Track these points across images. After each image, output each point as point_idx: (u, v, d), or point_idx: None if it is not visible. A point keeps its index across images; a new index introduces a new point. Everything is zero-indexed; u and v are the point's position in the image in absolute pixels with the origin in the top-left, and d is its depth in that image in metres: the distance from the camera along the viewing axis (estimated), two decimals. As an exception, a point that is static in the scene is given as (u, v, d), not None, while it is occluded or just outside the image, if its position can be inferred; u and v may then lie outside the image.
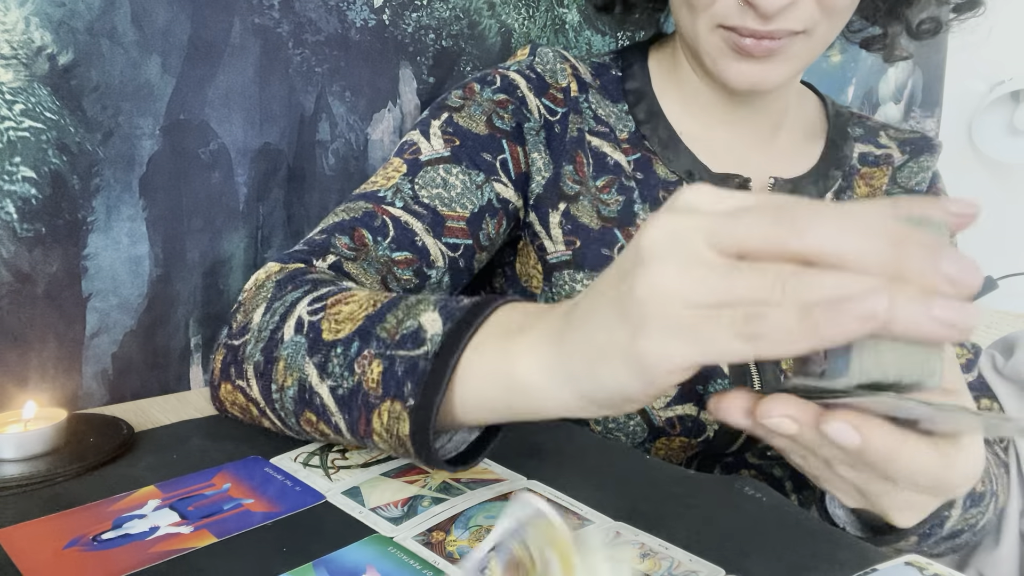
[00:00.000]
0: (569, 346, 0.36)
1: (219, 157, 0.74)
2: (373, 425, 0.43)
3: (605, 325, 0.33)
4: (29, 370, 0.65)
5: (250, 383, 0.51)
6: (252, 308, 0.53)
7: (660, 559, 0.40)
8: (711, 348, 0.30)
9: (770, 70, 0.63)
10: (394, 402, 0.41)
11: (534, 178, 0.67)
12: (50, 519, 0.44)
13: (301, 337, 0.47)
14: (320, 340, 0.46)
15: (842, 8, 0.61)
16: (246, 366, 0.51)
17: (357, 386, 0.43)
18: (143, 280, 0.70)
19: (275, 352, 0.49)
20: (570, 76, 0.69)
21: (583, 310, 0.35)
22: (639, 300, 0.31)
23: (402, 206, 0.62)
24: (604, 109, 0.70)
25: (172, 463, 0.52)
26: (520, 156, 0.66)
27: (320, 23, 0.78)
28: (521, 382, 0.38)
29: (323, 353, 0.46)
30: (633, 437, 0.65)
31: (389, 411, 0.42)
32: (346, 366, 0.44)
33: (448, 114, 0.66)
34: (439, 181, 0.63)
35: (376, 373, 0.43)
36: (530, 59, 0.69)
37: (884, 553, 0.42)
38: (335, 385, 0.45)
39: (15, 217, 0.63)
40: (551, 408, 0.38)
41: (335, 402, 0.45)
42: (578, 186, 0.66)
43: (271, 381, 0.49)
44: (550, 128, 0.67)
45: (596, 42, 1.04)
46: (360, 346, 0.44)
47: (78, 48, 0.64)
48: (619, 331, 0.32)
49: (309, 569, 0.39)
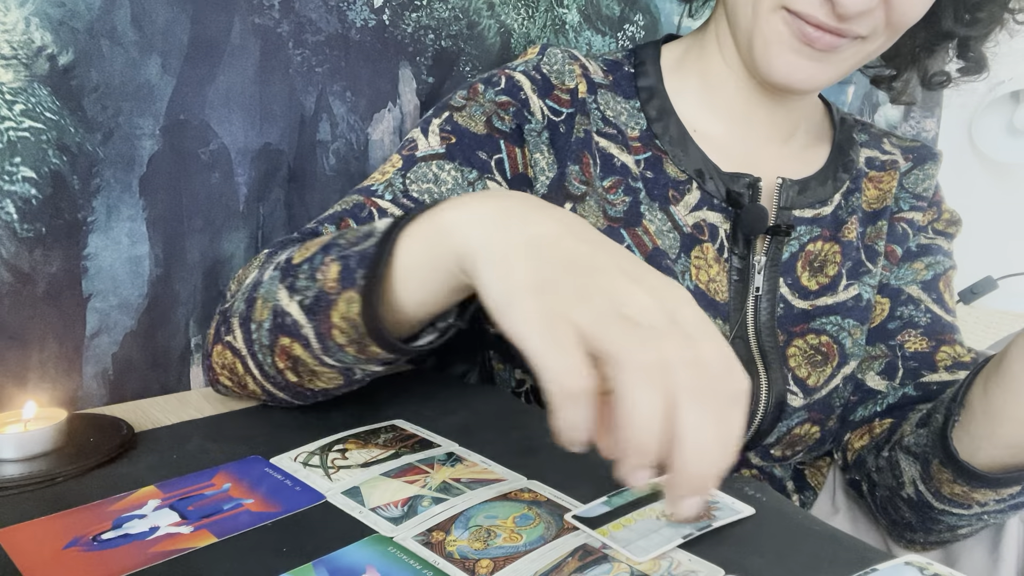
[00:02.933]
0: (502, 232, 0.40)
1: (219, 157, 0.74)
2: (333, 319, 0.46)
3: (538, 274, 0.38)
4: (29, 370, 0.65)
5: (235, 334, 0.53)
6: (245, 277, 0.57)
7: (660, 559, 0.40)
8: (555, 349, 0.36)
9: (822, 71, 0.62)
10: (349, 290, 0.45)
11: (538, 179, 0.66)
12: (50, 519, 0.44)
13: (276, 271, 0.51)
14: (291, 266, 0.50)
15: (907, 24, 0.62)
16: (232, 320, 0.54)
17: (320, 291, 0.47)
18: (143, 280, 0.70)
19: (254, 294, 0.52)
20: (579, 77, 0.69)
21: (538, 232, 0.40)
22: (573, 304, 0.37)
23: (391, 199, 0.62)
24: (615, 108, 0.70)
25: (172, 463, 0.52)
26: (518, 157, 0.66)
27: (320, 23, 0.78)
28: (447, 226, 0.42)
29: (292, 275, 0.49)
30: None
31: (345, 300, 0.45)
32: (310, 277, 0.47)
33: (449, 113, 0.66)
34: (431, 176, 0.63)
35: (335, 272, 0.46)
36: (538, 59, 0.69)
37: (885, 553, 0.42)
38: (302, 298, 0.48)
39: (15, 217, 0.63)
40: (459, 261, 0.42)
41: (303, 313, 0.48)
42: (584, 186, 0.66)
43: (251, 323, 0.52)
44: (554, 128, 0.67)
45: (596, 42, 1.04)
46: (322, 256, 0.48)
47: (78, 48, 0.64)
48: (530, 303, 0.37)
49: (309, 569, 0.39)
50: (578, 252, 0.38)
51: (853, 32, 0.60)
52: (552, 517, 0.44)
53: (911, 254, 0.75)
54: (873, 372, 0.72)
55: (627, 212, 0.66)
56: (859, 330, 0.71)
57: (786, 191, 0.68)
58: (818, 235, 0.71)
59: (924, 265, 0.74)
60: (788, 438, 0.69)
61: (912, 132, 1.72)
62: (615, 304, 0.36)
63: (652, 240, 0.65)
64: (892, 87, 0.79)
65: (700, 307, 0.37)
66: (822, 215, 0.71)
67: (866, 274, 0.72)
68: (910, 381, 0.70)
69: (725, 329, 0.66)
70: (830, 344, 0.69)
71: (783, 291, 0.69)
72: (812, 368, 0.69)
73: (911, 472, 0.62)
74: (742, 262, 0.68)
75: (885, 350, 0.72)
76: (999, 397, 0.55)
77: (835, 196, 0.72)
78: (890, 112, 1.62)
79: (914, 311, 0.72)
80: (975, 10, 0.70)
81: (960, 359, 0.69)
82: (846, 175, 0.73)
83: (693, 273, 0.66)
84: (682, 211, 0.67)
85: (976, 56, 0.74)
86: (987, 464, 0.57)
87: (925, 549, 0.67)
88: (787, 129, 0.72)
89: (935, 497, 0.61)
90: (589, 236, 0.40)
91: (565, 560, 0.40)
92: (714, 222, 0.67)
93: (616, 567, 0.39)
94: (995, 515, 0.60)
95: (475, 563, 0.40)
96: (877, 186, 0.75)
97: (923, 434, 0.62)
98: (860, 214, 0.73)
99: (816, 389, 0.68)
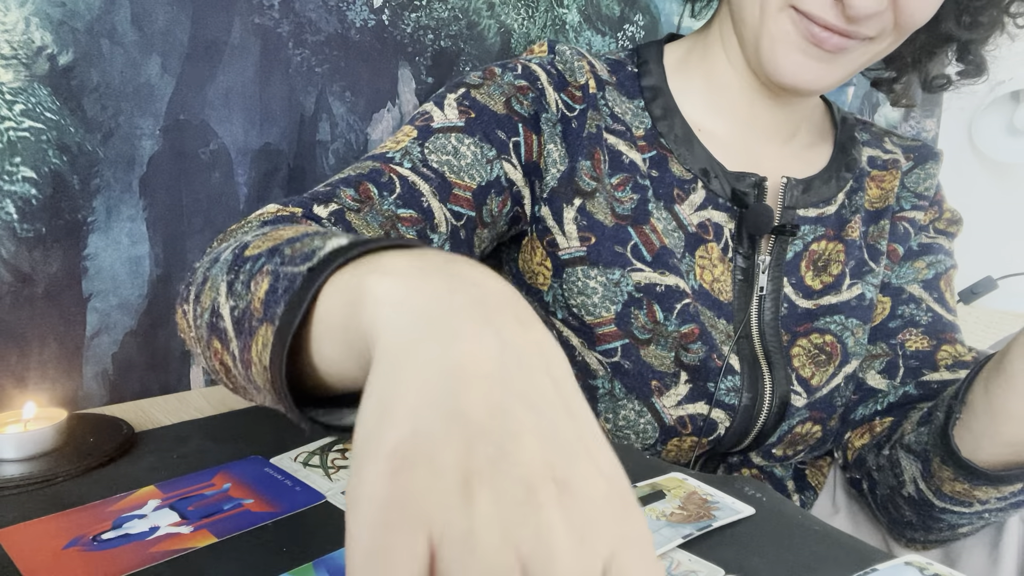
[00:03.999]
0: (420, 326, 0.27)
1: (219, 157, 0.74)
2: (251, 354, 0.36)
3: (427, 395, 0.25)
4: (29, 370, 0.65)
5: (187, 307, 0.45)
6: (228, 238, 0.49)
7: (660, 559, 0.40)
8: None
9: (829, 71, 0.62)
10: (267, 326, 0.34)
11: (548, 170, 0.66)
12: (50, 519, 0.44)
13: (231, 254, 0.42)
14: (240, 257, 0.41)
15: (915, 25, 0.61)
16: (190, 288, 0.45)
17: (248, 306, 0.37)
18: (143, 280, 0.70)
19: (210, 271, 0.43)
20: (588, 73, 0.69)
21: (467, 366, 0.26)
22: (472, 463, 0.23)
23: (410, 167, 0.60)
24: (621, 106, 0.70)
25: (172, 463, 0.52)
26: (534, 144, 0.66)
27: (320, 23, 0.78)
28: (366, 291, 0.30)
29: (235, 270, 0.40)
30: (643, 436, 0.65)
31: (263, 336, 0.35)
32: (245, 283, 0.38)
33: (466, 89, 0.65)
34: (450, 149, 0.62)
35: (262, 291, 0.36)
36: (551, 56, 0.69)
37: (885, 553, 0.42)
38: (234, 305, 0.38)
39: (15, 217, 0.63)
40: (363, 330, 0.30)
41: (232, 324, 0.38)
42: (595, 182, 0.66)
43: (197, 304, 0.43)
44: (567, 123, 0.67)
45: (596, 42, 1.04)
46: (264, 262, 0.38)
47: (78, 48, 0.64)
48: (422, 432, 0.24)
49: (309, 569, 0.39)
50: (495, 406, 0.24)
51: (861, 34, 0.60)
52: (552, 517, 0.44)
53: (912, 253, 0.75)
54: (874, 371, 0.72)
55: (635, 210, 0.66)
56: (861, 329, 0.71)
57: (791, 190, 0.68)
58: (822, 234, 0.71)
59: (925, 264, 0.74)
60: (790, 437, 0.69)
61: (912, 132, 1.72)
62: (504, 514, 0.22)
63: (660, 239, 0.65)
64: (892, 89, 0.79)
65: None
66: (826, 214, 0.71)
67: (869, 273, 0.72)
68: (911, 380, 0.70)
69: (729, 329, 0.66)
70: (834, 343, 0.69)
71: (787, 291, 0.69)
72: (816, 368, 0.69)
73: (912, 470, 0.63)
74: (746, 262, 0.68)
75: (886, 349, 0.72)
76: (1000, 395, 0.55)
77: (839, 195, 0.72)
78: (890, 113, 1.62)
79: (915, 310, 0.72)
80: (976, 14, 0.70)
81: (961, 358, 0.69)
82: (849, 174, 0.73)
83: (697, 273, 0.66)
84: (687, 210, 0.67)
85: (976, 59, 0.74)
86: (988, 462, 0.57)
87: (926, 548, 0.67)
88: (789, 129, 0.72)
89: (936, 495, 0.61)
90: (529, 374, 0.26)
91: (565, 560, 0.40)
92: (719, 221, 0.67)
93: (616, 567, 0.39)
94: (996, 513, 0.60)
95: (475, 563, 0.39)
96: (879, 185, 0.75)
97: (924, 432, 0.62)
98: (863, 213, 0.73)
99: (818, 388, 0.69)
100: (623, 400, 0.64)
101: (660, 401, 0.63)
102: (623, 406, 0.64)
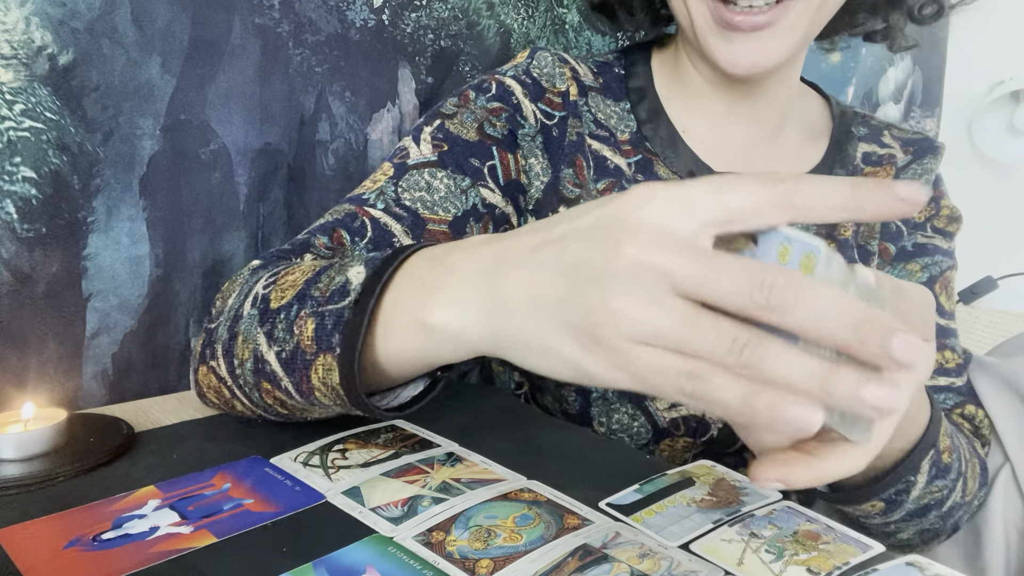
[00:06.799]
0: (500, 318, 0.36)
1: (219, 157, 0.74)
2: (312, 382, 0.45)
3: (551, 326, 0.33)
4: (29, 370, 0.65)
5: (219, 362, 0.52)
6: (228, 295, 0.55)
7: (660, 559, 0.40)
8: (653, 390, 0.31)
9: (765, 48, 0.60)
10: (326, 355, 0.44)
11: (532, 184, 0.66)
12: (50, 519, 0.44)
13: (255, 309, 0.50)
14: (268, 309, 0.49)
15: None
16: (216, 346, 0.53)
17: (296, 347, 0.46)
18: (143, 280, 0.70)
19: (236, 328, 0.51)
20: (569, 80, 0.69)
21: (523, 284, 0.35)
22: (593, 323, 0.31)
23: (383, 208, 0.61)
24: (605, 111, 0.70)
25: (172, 463, 0.52)
26: (511, 163, 0.66)
27: (320, 23, 0.78)
28: (438, 328, 0.40)
29: (271, 321, 0.48)
30: (637, 438, 0.65)
31: (323, 364, 0.44)
32: (287, 329, 0.46)
33: (440, 121, 0.66)
34: (423, 184, 0.62)
35: (310, 331, 0.45)
36: (527, 63, 0.69)
37: (886, 553, 0.42)
38: (280, 350, 0.47)
39: (15, 217, 0.63)
40: (464, 354, 0.40)
41: (281, 367, 0.47)
42: (578, 189, 0.66)
43: (233, 357, 0.51)
44: (547, 132, 0.67)
45: (596, 42, 1.04)
46: (298, 308, 0.46)
47: (78, 48, 0.64)
48: (567, 342, 0.33)
49: (309, 569, 0.39)
50: (543, 259, 0.34)
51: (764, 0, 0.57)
52: (552, 517, 0.44)
53: (906, 253, 0.74)
54: None
55: None
56: None
57: None
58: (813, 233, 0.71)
59: (920, 267, 0.73)
60: None
61: (912, 132, 1.72)
62: (632, 332, 0.31)
63: None
64: (887, 35, 0.77)
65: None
66: None
67: None
68: None
69: None
70: None
71: None
72: None
73: None
74: None
75: None
76: None
77: None
78: (891, 112, 1.62)
79: None
80: None
81: (944, 365, 0.69)
82: (842, 171, 0.73)
83: None
84: None
85: None
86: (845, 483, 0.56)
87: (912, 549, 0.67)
88: (774, 120, 0.72)
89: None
90: (533, 233, 0.36)
91: (565, 560, 0.40)
92: None
93: (616, 567, 0.39)
94: (899, 523, 0.60)
95: (475, 563, 0.40)
96: None
97: None
98: None
99: None
100: (616, 404, 0.64)
101: (654, 404, 0.63)
102: (616, 409, 0.64)
